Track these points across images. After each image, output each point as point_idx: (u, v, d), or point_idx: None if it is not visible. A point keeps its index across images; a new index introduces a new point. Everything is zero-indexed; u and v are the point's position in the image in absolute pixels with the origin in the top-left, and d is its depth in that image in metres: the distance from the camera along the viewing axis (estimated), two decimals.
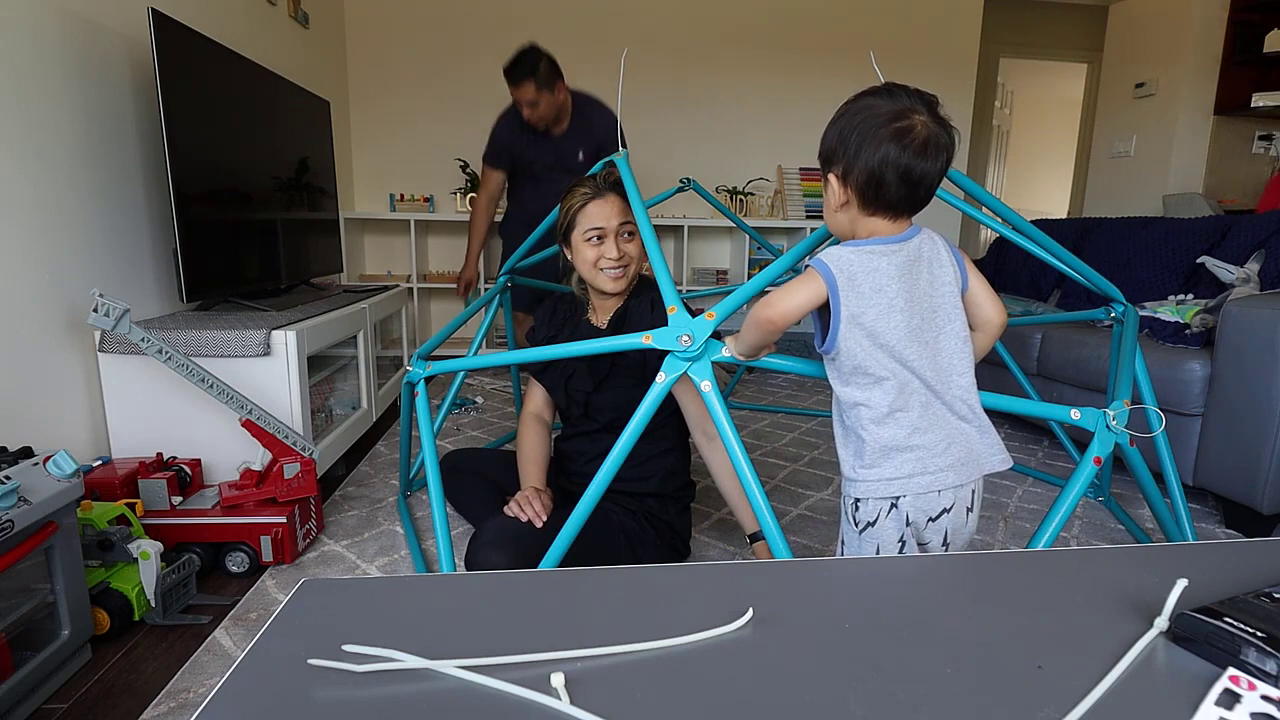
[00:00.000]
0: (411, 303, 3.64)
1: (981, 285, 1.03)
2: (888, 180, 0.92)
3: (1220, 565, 0.61)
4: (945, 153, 0.92)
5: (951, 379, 0.97)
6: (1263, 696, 0.42)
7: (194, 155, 1.84)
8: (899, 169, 0.91)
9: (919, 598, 0.56)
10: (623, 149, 1.59)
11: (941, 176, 0.95)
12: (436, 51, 3.83)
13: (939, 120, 0.92)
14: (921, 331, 0.96)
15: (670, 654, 0.47)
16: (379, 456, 2.37)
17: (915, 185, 0.92)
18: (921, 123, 0.91)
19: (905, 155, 0.90)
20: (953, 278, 0.99)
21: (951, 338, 0.98)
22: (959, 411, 0.97)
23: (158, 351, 1.44)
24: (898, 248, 0.95)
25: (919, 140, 0.90)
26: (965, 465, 0.97)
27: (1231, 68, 4.04)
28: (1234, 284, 2.17)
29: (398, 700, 0.43)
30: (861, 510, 0.99)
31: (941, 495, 0.97)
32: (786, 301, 0.98)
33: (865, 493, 0.98)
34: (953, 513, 0.98)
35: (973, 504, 1.00)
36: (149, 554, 1.32)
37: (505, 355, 1.48)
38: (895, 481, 0.96)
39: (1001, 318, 1.04)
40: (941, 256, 0.99)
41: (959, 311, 0.99)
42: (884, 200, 0.94)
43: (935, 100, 0.94)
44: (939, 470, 0.95)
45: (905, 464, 0.95)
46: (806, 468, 2.31)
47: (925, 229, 1.00)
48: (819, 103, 4.11)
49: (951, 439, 0.96)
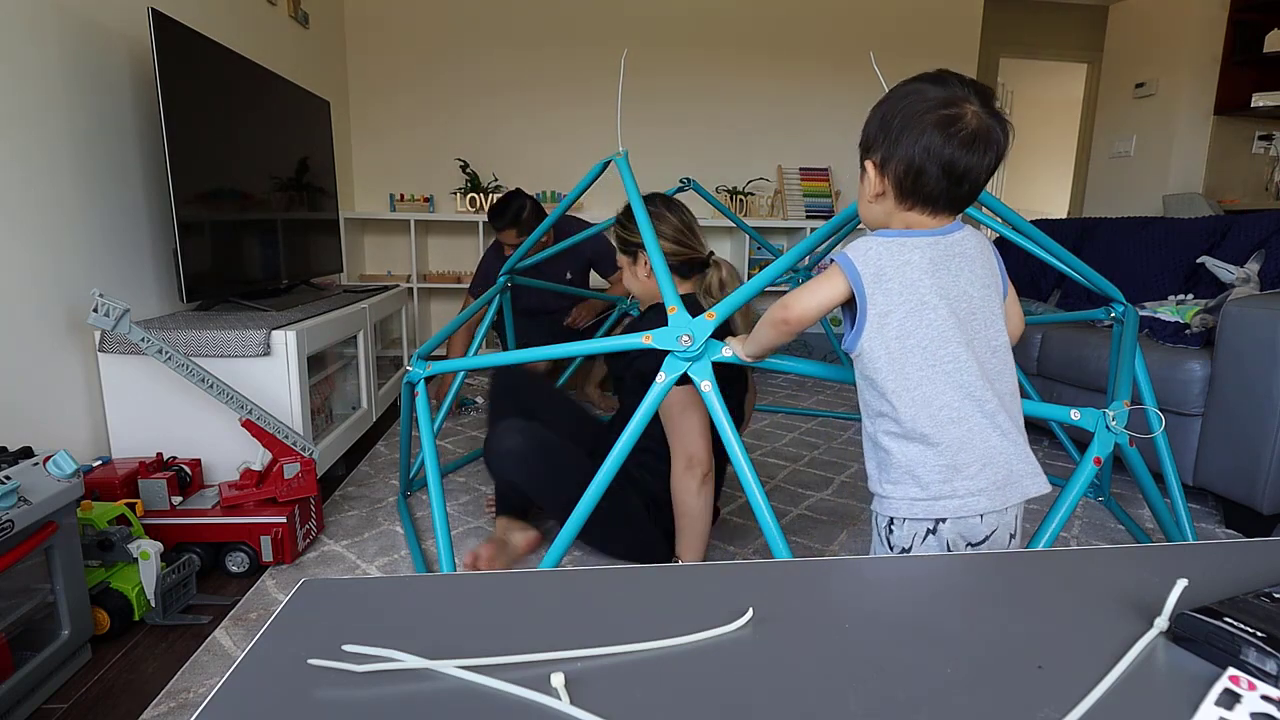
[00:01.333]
0: (411, 303, 3.63)
1: (1013, 295, 0.98)
2: (928, 171, 0.85)
3: (1220, 565, 0.61)
4: (996, 148, 0.85)
5: (992, 389, 0.88)
6: (1263, 696, 0.42)
7: (194, 155, 1.84)
8: (942, 160, 0.84)
9: (919, 598, 0.56)
10: (622, 149, 1.60)
11: (989, 174, 0.87)
12: (436, 51, 3.83)
13: (993, 113, 0.85)
14: (959, 334, 0.87)
15: (670, 654, 0.47)
16: (379, 456, 2.37)
17: (959, 180, 0.85)
18: (973, 113, 0.83)
19: (950, 146, 0.83)
20: (995, 281, 0.92)
21: (991, 344, 0.91)
22: (1000, 425, 0.88)
23: (158, 351, 1.44)
24: (934, 240, 0.88)
25: (968, 131, 0.83)
26: (1003, 489, 0.88)
27: (1231, 68, 4.05)
28: (1234, 284, 2.17)
29: (398, 700, 0.43)
30: (896, 534, 0.91)
31: (984, 520, 0.89)
32: (805, 302, 0.94)
33: (896, 511, 0.90)
34: (992, 541, 0.90)
35: (1016, 530, 0.92)
36: (149, 554, 1.32)
37: (505, 355, 1.48)
38: (919, 503, 0.88)
39: (1020, 330, 0.99)
40: (986, 256, 0.92)
41: (999, 316, 0.92)
42: (922, 193, 0.87)
43: (990, 92, 0.86)
44: (969, 495, 0.87)
45: (933, 484, 0.87)
46: (806, 468, 2.31)
47: (970, 227, 0.93)
48: (819, 103, 4.12)
49: (988, 459, 0.87)
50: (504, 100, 3.93)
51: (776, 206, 4.14)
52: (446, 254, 4.07)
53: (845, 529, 1.85)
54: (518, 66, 3.89)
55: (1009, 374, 0.92)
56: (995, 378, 0.90)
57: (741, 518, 1.90)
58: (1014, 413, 0.91)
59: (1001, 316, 0.92)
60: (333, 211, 2.85)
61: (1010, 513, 0.91)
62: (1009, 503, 0.89)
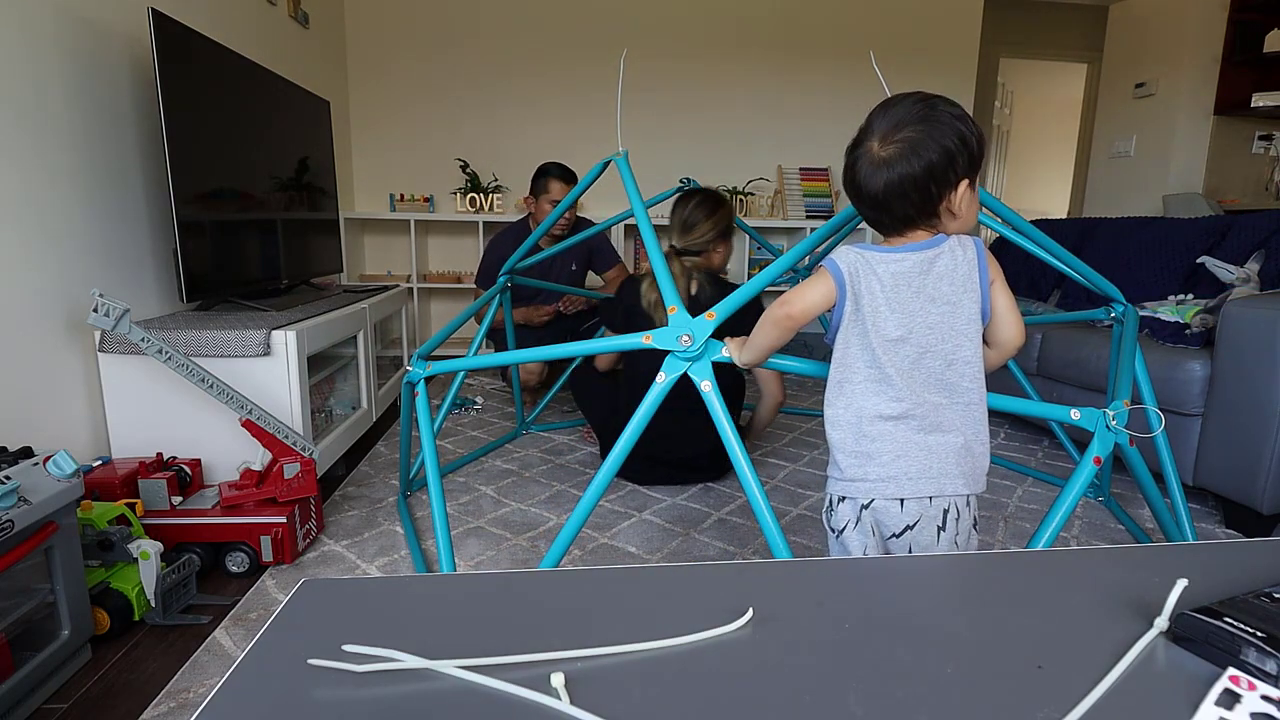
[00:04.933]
0: (411, 303, 3.64)
1: (1008, 305, 0.99)
2: (861, 207, 0.99)
3: (1220, 565, 0.61)
4: (902, 162, 0.90)
5: (938, 395, 0.95)
6: (1263, 696, 0.42)
7: (194, 155, 1.84)
8: (857, 192, 0.97)
9: (919, 598, 0.56)
10: (622, 149, 1.60)
11: (909, 181, 0.91)
12: (436, 51, 3.83)
13: (894, 127, 0.91)
14: (911, 344, 0.94)
15: (670, 654, 0.47)
16: (379, 456, 2.37)
17: (876, 204, 0.95)
18: (870, 146, 0.93)
19: (857, 180, 0.96)
20: (966, 296, 0.95)
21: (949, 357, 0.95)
22: (936, 429, 0.94)
23: (158, 351, 1.44)
24: (902, 256, 0.95)
25: (867, 162, 0.94)
26: (915, 480, 0.95)
27: (1231, 68, 4.04)
28: (1234, 284, 2.17)
29: (398, 700, 0.43)
30: (835, 516, 1.01)
31: (905, 509, 0.96)
32: (804, 298, 1.01)
33: (831, 489, 1.01)
34: (916, 530, 0.96)
35: (945, 523, 0.96)
36: (149, 554, 1.32)
37: (505, 355, 1.48)
38: (838, 482, 0.99)
39: (1020, 340, 1.00)
40: (962, 272, 0.94)
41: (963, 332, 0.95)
42: (872, 222, 0.99)
43: (902, 99, 0.92)
44: (878, 480, 0.95)
45: (850, 467, 0.98)
46: (806, 468, 2.31)
47: (958, 241, 0.95)
48: (819, 103, 4.12)
49: (903, 453, 0.94)
50: (504, 100, 3.93)
51: (776, 206, 4.14)
52: (446, 254, 4.07)
53: None
54: (518, 66, 3.89)
55: (970, 383, 0.96)
56: (949, 389, 0.96)
57: (741, 518, 1.90)
58: (970, 420, 0.96)
59: (967, 331, 0.95)
60: (333, 211, 2.85)
61: (936, 504, 0.95)
62: (924, 493, 0.95)
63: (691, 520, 1.89)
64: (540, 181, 2.84)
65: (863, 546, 0.99)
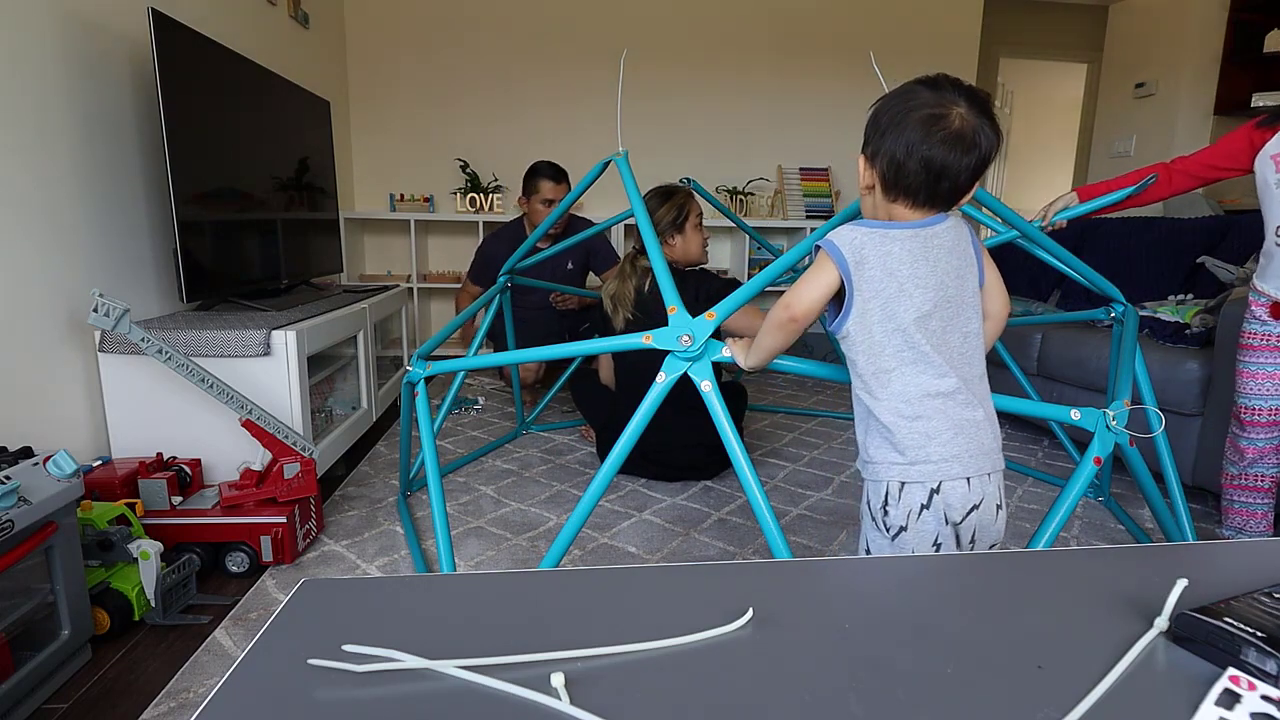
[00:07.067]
0: (411, 303, 3.63)
1: (995, 278, 1.03)
2: (909, 167, 0.90)
3: (1220, 565, 0.61)
4: (977, 150, 0.90)
5: (965, 369, 0.95)
6: (1263, 696, 0.42)
7: (194, 155, 1.84)
8: (920, 156, 0.89)
9: (919, 598, 0.56)
10: (622, 149, 1.60)
11: (971, 175, 0.92)
12: (436, 52, 3.83)
13: (983, 117, 0.90)
14: (936, 318, 0.93)
15: (670, 654, 0.47)
16: (379, 456, 2.37)
17: (937, 176, 0.90)
18: (958, 115, 0.88)
19: (929, 143, 0.89)
20: (971, 270, 0.97)
21: (963, 329, 0.96)
22: (969, 403, 0.95)
23: (158, 351, 1.44)
24: (915, 232, 0.93)
25: (948, 131, 0.88)
26: (976, 458, 0.94)
27: (1231, 68, 4.04)
28: (1234, 284, 2.17)
29: (398, 700, 0.43)
30: (892, 514, 0.95)
31: (971, 487, 0.93)
32: (807, 295, 0.97)
33: (876, 476, 0.95)
34: (982, 509, 0.94)
35: (1001, 501, 0.96)
36: (149, 554, 1.32)
37: (505, 355, 1.48)
38: (897, 467, 0.93)
39: (1007, 309, 1.05)
40: (963, 246, 0.96)
41: (971, 305, 0.97)
42: (904, 186, 0.92)
43: (985, 99, 0.91)
44: (943, 460, 0.92)
45: (910, 449, 0.92)
46: (806, 468, 2.31)
47: (956, 219, 0.97)
48: (819, 103, 4.12)
49: (959, 428, 0.93)
50: (504, 100, 3.93)
51: (776, 206, 4.14)
52: (446, 254, 4.07)
53: (845, 529, 1.85)
54: (518, 66, 3.89)
55: (978, 358, 0.98)
56: (966, 362, 0.96)
57: (741, 518, 1.90)
58: (982, 395, 0.97)
59: (974, 304, 0.98)
60: (333, 211, 2.85)
61: (993, 480, 0.96)
62: (984, 470, 0.94)
63: (691, 520, 1.89)
64: (531, 181, 2.83)
65: (934, 536, 0.94)
